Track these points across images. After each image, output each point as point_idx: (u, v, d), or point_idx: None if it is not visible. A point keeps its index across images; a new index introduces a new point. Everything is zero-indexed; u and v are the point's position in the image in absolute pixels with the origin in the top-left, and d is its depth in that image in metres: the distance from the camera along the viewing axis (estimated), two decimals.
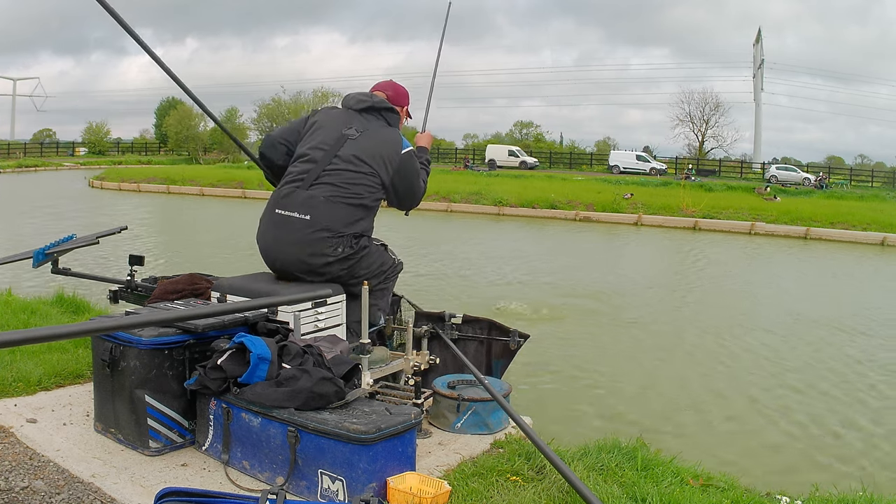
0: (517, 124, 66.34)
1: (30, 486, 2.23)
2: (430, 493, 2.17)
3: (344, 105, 3.24)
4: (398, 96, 3.32)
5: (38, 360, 3.37)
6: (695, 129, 52.44)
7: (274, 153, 3.24)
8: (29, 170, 40.79)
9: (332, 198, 2.95)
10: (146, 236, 14.77)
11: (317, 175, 2.98)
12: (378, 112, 3.17)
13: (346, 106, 3.21)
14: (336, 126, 3.10)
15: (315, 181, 2.97)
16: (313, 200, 2.95)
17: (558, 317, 8.37)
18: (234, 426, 2.40)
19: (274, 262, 3.04)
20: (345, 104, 3.24)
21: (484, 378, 2.98)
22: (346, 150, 3.02)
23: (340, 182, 2.97)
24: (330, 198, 2.95)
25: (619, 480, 2.46)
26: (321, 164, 3.00)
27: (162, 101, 61.63)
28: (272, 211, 3.04)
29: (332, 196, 2.95)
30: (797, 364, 6.77)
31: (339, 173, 2.98)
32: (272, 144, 3.25)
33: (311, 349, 2.48)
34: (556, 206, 22.72)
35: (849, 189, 35.59)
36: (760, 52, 52.32)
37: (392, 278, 3.27)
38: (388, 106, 3.20)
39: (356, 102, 3.19)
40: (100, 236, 4.00)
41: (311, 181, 2.98)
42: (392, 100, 3.26)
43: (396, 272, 3.28)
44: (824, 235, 19.26)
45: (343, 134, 3.06)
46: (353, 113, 3.16)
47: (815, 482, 2.98)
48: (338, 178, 2.97)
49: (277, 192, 3.08)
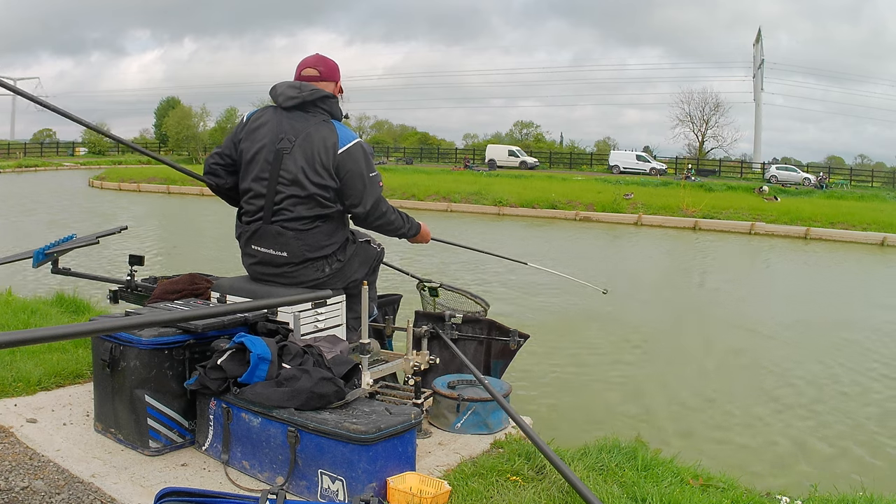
0: (517, 124, 66.52)
1: (30, 486, 2.23)
2: (430, 493, 2.17)
3: (274, 101, 2.94)
4: (330, 70, 3.02)
5: (38, 360, 3.37)
6: (695, 129, 52.48)
7: (218, 180, 3.04)
8: (29, 170, 40.80)
9: (298, 230, 2.83)
10: (146, 236, 14.77)
11: (270, 209, 2.83)
12: (311, 105, 2.87)
13: (276, 103, 2.92)
14: (270, 141, 2.85)
15: (272, 217, 2.84)
16: (282, 238, 2.83)
17: (558, 316, 8.37)
18: (234, 426, 2.40)
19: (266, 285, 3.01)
20: (274, 100, 2.94)
21: (484, 378, 2.98)
22: (285, 173, 2.80)
23: (296, 209, 2.82)
24: (297, 231, 2.83)
25: (619, 480, 2.46)
26: (269, 196, 2.83)
27: (161, 101, 61.73)
28: (248, 246, 2.94)
29: (298, 228, 2.83)
30: (797, 364, 6.77)
31: (291, 200, 2.81)
32: (211, 172, 3.02)
33: (311, 349, 2.48)
34: (556, 206, 22.73)
35: (849, 189, 35.58)
36: (760, 51, 52.30)
37: (378, 267, 3.26)
38: (322, 95, 2.88)
39: (284, 100, 2.88)
40: (100, 236, 3.99)
41: (269, 217, 2.85)
42: (324, 75, 2.98)
43: (380, 260, 3.25)
44: (824, 235, 19.25)
45: (277, 150, 2.82)
46: (283, 114, 2.88)
47: (816, 482, 2.98)
48: (292, 206, 2.82)
49: (246, 227, 2.93)
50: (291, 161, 2.80)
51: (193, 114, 54.10)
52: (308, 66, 3.00)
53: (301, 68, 3.01)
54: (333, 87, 3.01)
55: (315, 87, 2.91)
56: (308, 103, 2.87)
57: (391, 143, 60.66)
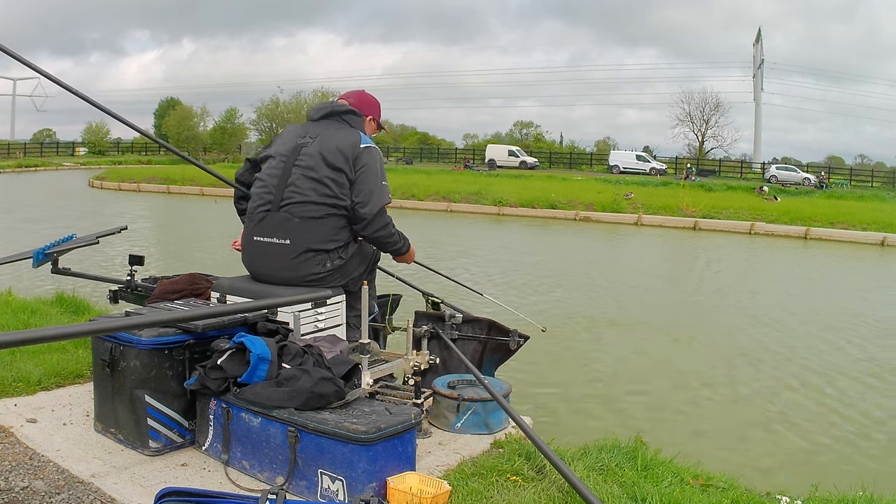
0: (517, 124, 66.50)
1: (30, 486, 2.23)
2: (430, 493, 2.17)
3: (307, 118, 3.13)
4: (363, 105, 3.19)
5: (38, 360, 3.37)
6: (695, 128, 52.48)
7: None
8: (29, 170, 40.81)
9: (306, 216, 2.85)
10: (146, 236, 14.77)
11: (281, 193, 2.89)
12: (337, 116, 3.03)
13: (308, 118, 3.11)
14: (291, 139, 2.99)
15: (282, 201, 2.88)
16: (289, 224, 2.86)
17: (559, 317, 8.37)
18: (234, 426, 2.40)
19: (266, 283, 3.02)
20: (307, 116, 3.13)
21: (484, 378, 2.98)
22: (302, 159, 2.90)
23: (307, 193, 2.85)
24: (304, 216, 2.85)
25: (619, 480, 2.46)
26: (282, 179, 2.90)
27: (161, 101, 61.71)
28: (251, 238, 2.97)
29: (306, 213, 2.85)
30: (797, 364, 6.77)
31: (303, 183, 2.86)
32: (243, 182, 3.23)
33: (311, 349, 2.48)
34: (556, 206, 22.73)
35: (849, 189, 35.59)
36: (760, 51, 52.29)
37: (375, 266, 3.27)
38: (348, 109, 3.06)
39: (315, 112, 3.08)
40: (100, 236, 3.99)
41: (278, 202, 2.89)
42: (355, 105, 3.14)
43: (378, 259, 3.26)
44: (824, 235, 19.26)
45: (298, 144, 2.95)
46: (311, 123, 3.05)
47: (815, 482, 2.97)
48: (303, 190, 2.86)
49: (250, 217, 2.99)
50: (310, 150, 2.92)
51: (194, 114, 54.11)
52: (342, 98, 3.21)
53: (339, 99, 3.21)
54: (367, 121, 3.17)
55: (344, 103, 3.11)
56: (335, 114, 3.04)
57: (391, 143, 60.65)
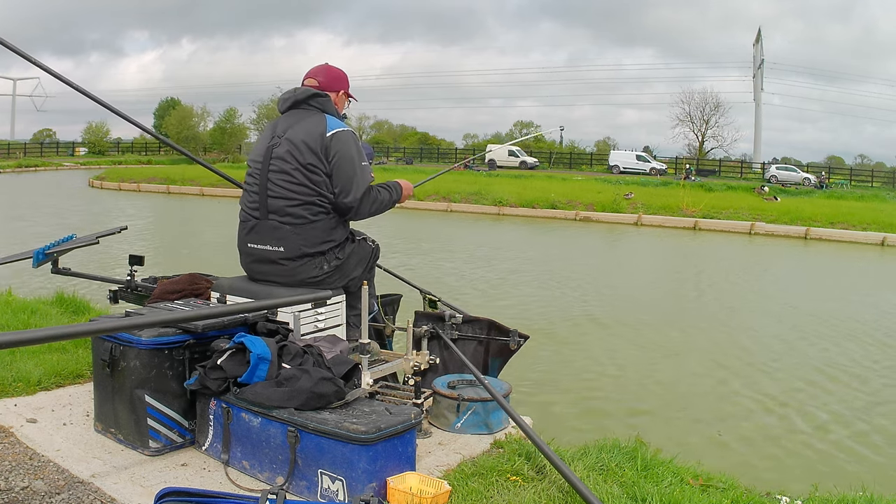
0: (517, 124, 66.51)
1: (30, 486, 2.23)
2: (430, 493, 2.17)
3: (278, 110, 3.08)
4: (330, 80, 3.08)
5: (38, 360, 3.37)
6: (695, 129, 52.47)
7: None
8: (29, 170, 40.81)
9: (295, 221, 2.84)
10: (146, 236, 14.77)
11: (265, 201, 2.87)
12: (303, 103, 2.96)
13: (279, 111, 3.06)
14: (262, 143, 2.96)
15: (268, 209, 2.87)
16: (279, 232, 2.85)
17: (558, 316, 8.37)
18: (234, 426, 2.40)
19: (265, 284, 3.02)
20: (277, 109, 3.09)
21: (484, 378, 2.97)
22: (275, 163, 2.86)
23: (289, 197, 2.83)
24: (293, 223, 2.84)
25: (619, 480, 2.46)
26: (262, 187, 2.88)
27: (161, 102, 61.71)
28: (245, 244, 2.98)
29: (294, 219, 2.84)
30: (797, 364, 6.77)
31: (281, 189, 2.84)
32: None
33: (311, 349, 2.48)
34: (556, 206, 22.73)
35: (849, 189, 35.58)
36: (760, 51, 52.30)
37: (374, 264, 3.27)
38: (312, 93, 2.96)
39: (281, 104, 3.02)
40: (100, 236, 3.99)
41: (265, 212, 2.88)
42: (323, 86, 3.04)
43: (377, 257, 3.25)
44: (824, 235, 19.26)
45: (268, 147, 2.91)
46: (282, 118, 2.99)
47: (815, 482, 2.98)
48: (284, 195, 2.84)
49: (242, 225, 2.99)
50: (280, 151, 2.88)
51: (194, 114, 54.09)
52: (309, 77, 3.11)
53: (304, 79, 3.11)
54: (335, 97, 3.08)
55: (307, 88, 3.01)
56: (300, 102, 2.97)
57: (391, 143, 60.66)
